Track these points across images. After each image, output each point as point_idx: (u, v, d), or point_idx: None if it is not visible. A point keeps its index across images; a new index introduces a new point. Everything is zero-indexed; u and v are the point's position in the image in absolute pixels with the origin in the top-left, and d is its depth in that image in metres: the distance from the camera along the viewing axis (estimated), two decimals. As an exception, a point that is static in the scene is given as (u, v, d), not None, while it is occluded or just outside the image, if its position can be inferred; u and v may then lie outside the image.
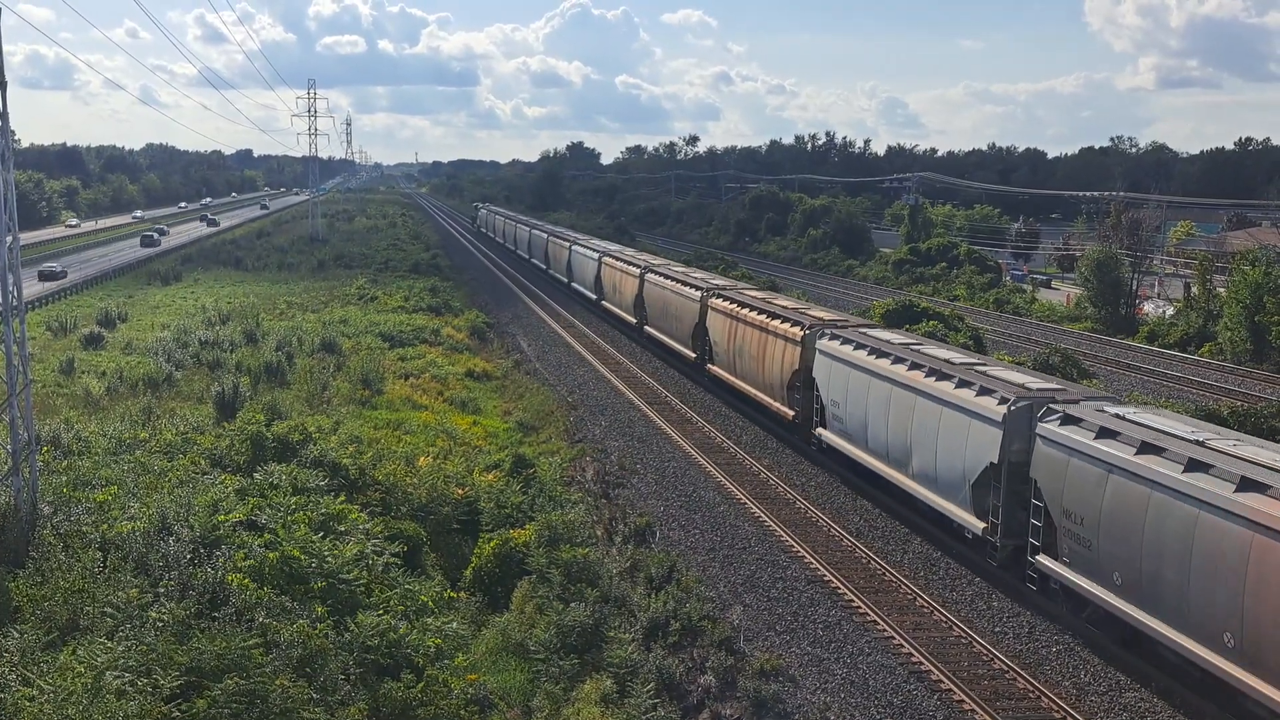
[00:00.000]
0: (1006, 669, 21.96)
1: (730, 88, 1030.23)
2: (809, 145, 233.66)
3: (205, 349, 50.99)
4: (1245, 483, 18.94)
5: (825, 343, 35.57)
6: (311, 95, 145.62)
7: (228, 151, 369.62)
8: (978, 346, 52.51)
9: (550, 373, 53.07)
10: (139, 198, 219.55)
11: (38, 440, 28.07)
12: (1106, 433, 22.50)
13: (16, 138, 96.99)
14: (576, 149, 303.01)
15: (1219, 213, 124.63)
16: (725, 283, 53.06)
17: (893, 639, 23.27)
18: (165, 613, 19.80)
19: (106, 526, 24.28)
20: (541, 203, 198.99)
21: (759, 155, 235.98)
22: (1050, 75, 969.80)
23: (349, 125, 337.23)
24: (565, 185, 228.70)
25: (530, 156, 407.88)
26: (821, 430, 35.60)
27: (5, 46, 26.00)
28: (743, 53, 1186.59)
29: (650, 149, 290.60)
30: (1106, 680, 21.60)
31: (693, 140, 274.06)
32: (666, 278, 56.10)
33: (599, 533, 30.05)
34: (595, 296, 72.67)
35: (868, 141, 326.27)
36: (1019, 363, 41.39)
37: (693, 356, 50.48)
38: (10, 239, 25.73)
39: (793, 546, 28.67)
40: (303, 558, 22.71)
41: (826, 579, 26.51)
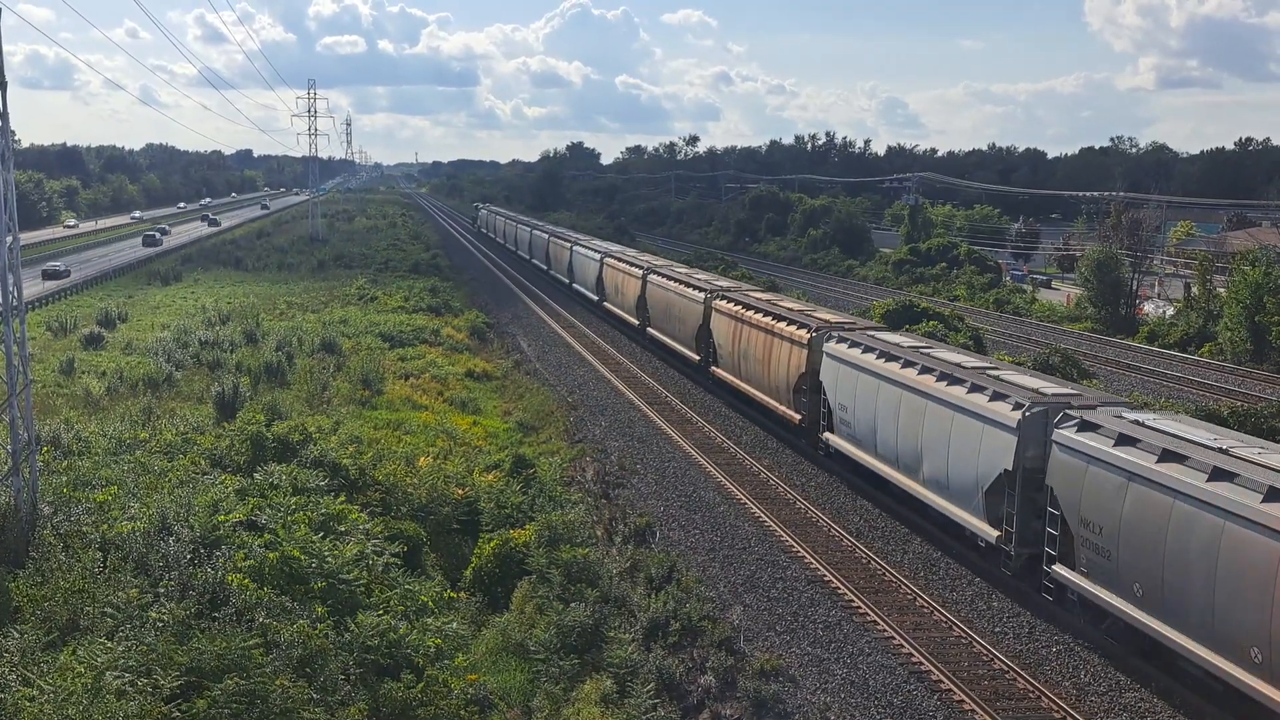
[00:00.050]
0: (1006, 669, 21.96)
1: (730, 88, 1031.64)
2: (809, 145, 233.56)
3: (205, 349, 51.00)
4: (1273, 492, 18.48)
5: (833, 346, 35.19)
6: (311, 95, 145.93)
7: (228, 152, 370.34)
8: (978, 347, 52.48)
9: (550, 373, 53.07)
10: (139, 198, 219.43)
11: (38, 440, 28.07)
12: (1125, 439, 22.01)
13: (16, 138, 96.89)
14: (576, 149, 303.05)
15: (1219, 213, 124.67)
16: (729, 284, 52.41)
17: (893, 639, 23.27)
18: (165, 613, 19.82)
19: (106, 527, 24.29)
20: (541, 203, 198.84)
21: (759, 155, 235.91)
22: (1050, 75, 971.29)
23: (349, 125, 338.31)
24: (565, 185, 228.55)
25: (530, 157, 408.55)
26: (829, 434, 35.20)
27: (5, 46, 26.02)
28: (743, 53, 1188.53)
29: (650, 149, 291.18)
30: (1106, 680, 21.60)
31: (693, 140, 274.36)
32: (670, 279, 55.66)
33: (599, 533, 30.05)
34: (597, 298, 72.49)
35: (868, 141, 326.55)
36: (1019, 363, 41.36)
37: (696, 359, 50.21)
38: (10, 239, 25.75)
39: (793, 547, 28.67)
40: (303, 558, 22.73)
41: (826, 579, 26.51)
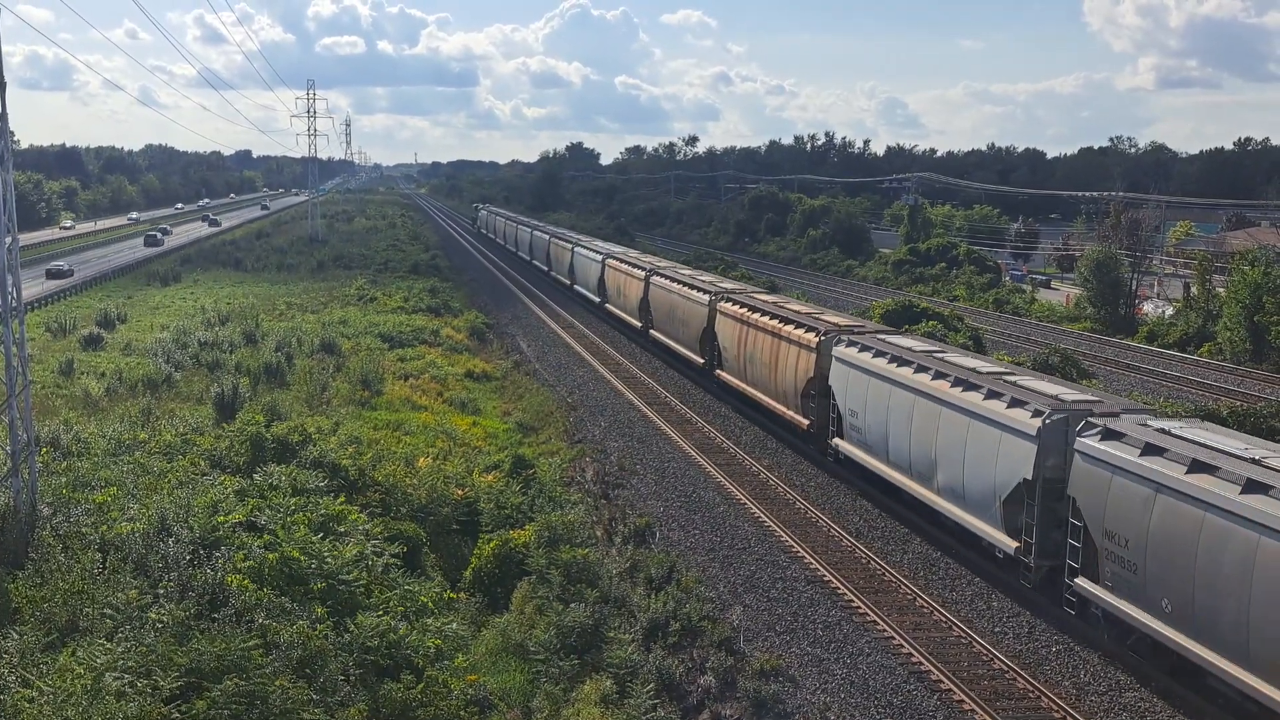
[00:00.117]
0: (1006, 669, 21.95)
1: (730, 88, 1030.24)
2: (808, 145, 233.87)
3: (205, 350, 50.96)
4: None
5: (842, 349, 34.42)
6: (311, 96, 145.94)
7: (227, 152, 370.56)
8: (977, 347, 52.48)
9: (550, 373, 53.06)
10: (138, 199, 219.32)
11: (37, 441, 28.08)
12: (1152, 449, 21.22)
13: (16, 138, 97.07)
14: (576, 149, 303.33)
15: (1218, 213, 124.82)
16: (734, 286, 51.86)
17: (893, 639, 23.26)
18: (165, 614, 19.82)
19: (106, 528, 24.28)
20: (541, 203, 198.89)
21: (758, 155, 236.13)
22: (1050, 75, 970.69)
23: (348, 126, 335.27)
24: (565, 186, 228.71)
25: (530, 157, 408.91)
26: (839, 441, 34.39)
27: (5, 47, 26.05)
28: (742, 53, 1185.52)
29: (650, 149, 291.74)
30: (1106, 680, 21.59)
31: (692, 141, 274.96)
32: (673, 281, 55.20)
33: (599, 533, 30.05)
34: (598, 299, 72.18)
35: (867, 142, 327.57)
36: (1018, 363, 41.33)
37: (700, 362, 49.73)
38: (10, 240, 25.74)
39: (792, 547, 28.66)
40: (302, 559, 22.72)
41: (826, 579, 26.49)
